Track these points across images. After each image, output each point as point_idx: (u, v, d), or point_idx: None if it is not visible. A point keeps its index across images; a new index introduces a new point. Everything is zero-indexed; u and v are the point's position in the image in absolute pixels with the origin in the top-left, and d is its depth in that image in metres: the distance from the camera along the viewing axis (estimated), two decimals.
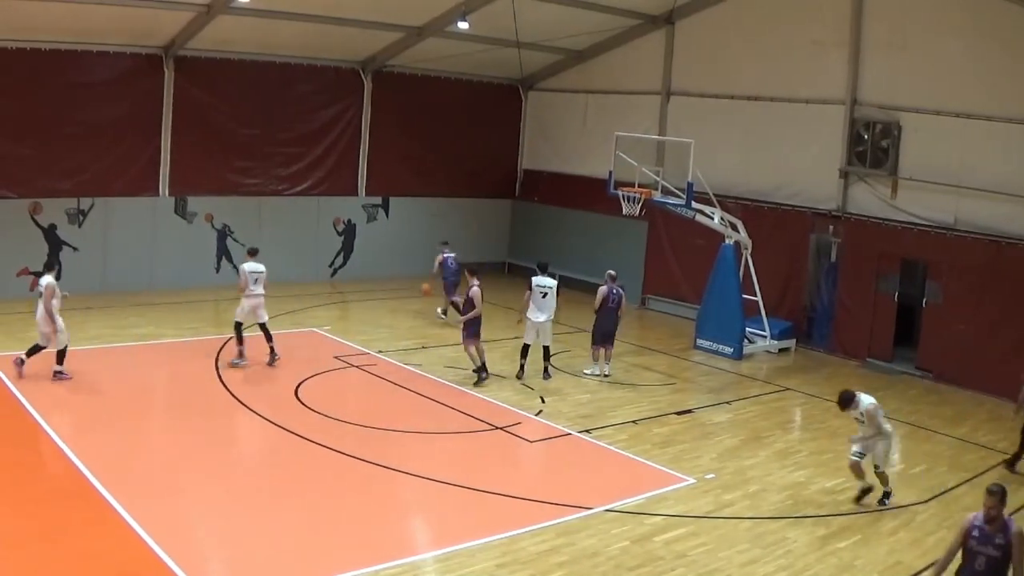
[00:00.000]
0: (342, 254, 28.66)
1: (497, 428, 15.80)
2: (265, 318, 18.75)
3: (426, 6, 24.27)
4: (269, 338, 18.67)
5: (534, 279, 19.06)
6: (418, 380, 18.34)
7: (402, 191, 29.46)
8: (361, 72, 28.17)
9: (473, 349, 18.23)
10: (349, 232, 28.66)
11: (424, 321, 23.70)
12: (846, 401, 13.26)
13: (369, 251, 28.90)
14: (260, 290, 18.71)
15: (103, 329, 20.40)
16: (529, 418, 16.43)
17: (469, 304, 17.99)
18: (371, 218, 29.06)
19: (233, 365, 18.24)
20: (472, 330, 18.13)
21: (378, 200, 29.19)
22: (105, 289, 23.54)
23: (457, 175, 30.37)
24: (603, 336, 19.45)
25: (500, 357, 19.71)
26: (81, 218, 23.88)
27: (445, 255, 23.66)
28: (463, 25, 23.66)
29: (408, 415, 16.18)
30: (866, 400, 13.24)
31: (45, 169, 23.15)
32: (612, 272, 19.65)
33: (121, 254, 24.33)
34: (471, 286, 18.09)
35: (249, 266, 18.72)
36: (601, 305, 19.34)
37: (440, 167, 29.92)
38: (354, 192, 28.73)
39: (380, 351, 20.26)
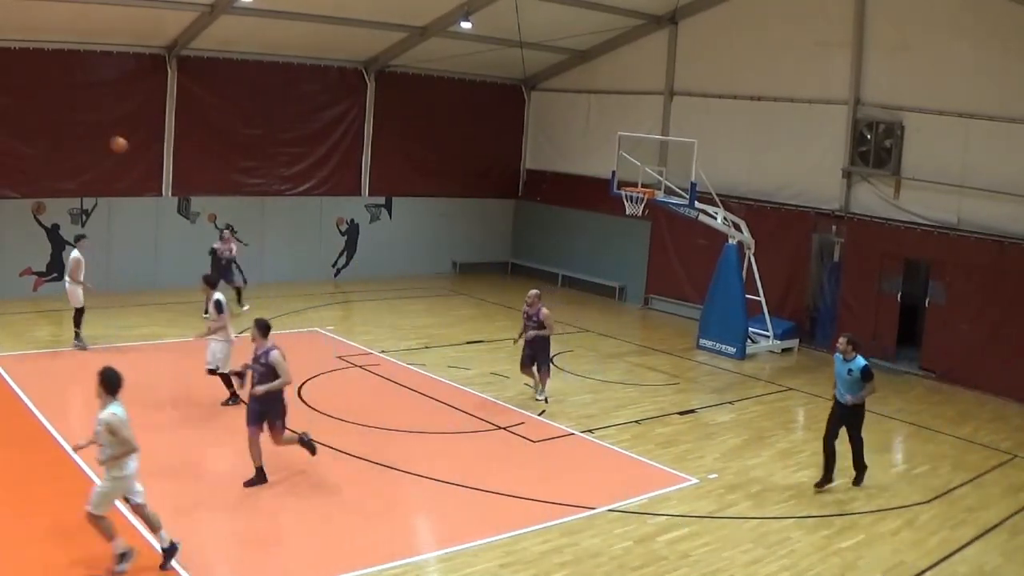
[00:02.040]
0: (345, 254, 28.67)
1: (500, 428, 15.81)
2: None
3: (429, 6, 24.28)
4: None
5: None
6: (421, 380, 18.35)
7: (405, 191, 29.47)
8: (364, 72, 28.19)
9: None
10: (352, 232, 28.68)
11: (428, 320, 23.71)
12: None
13: (372, 251, 28.91)
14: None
15: (106, 329, 20.38)
16: (532, 418, 16.43)
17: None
18: (374, 218, 29.07)
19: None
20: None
21: (381, 200, 29.20)
22: (108, 289, 23.55)
23: (460, 175, 30.38)
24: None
25: (505, 357, 19.70)
26: (84, 218, 23.92)
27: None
28: (466, 25, 23.68)
29: (411, 415, 16.19)
30: None
31: (48, 169, 23.17)
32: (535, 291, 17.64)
33: (124, 254, 24.32)
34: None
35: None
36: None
37: (443, 167, 29.94)
38: (357, 192, 28.75)
39: (383, 351, 20.26)
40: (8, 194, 22.88)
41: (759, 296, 22.39)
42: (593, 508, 12.59)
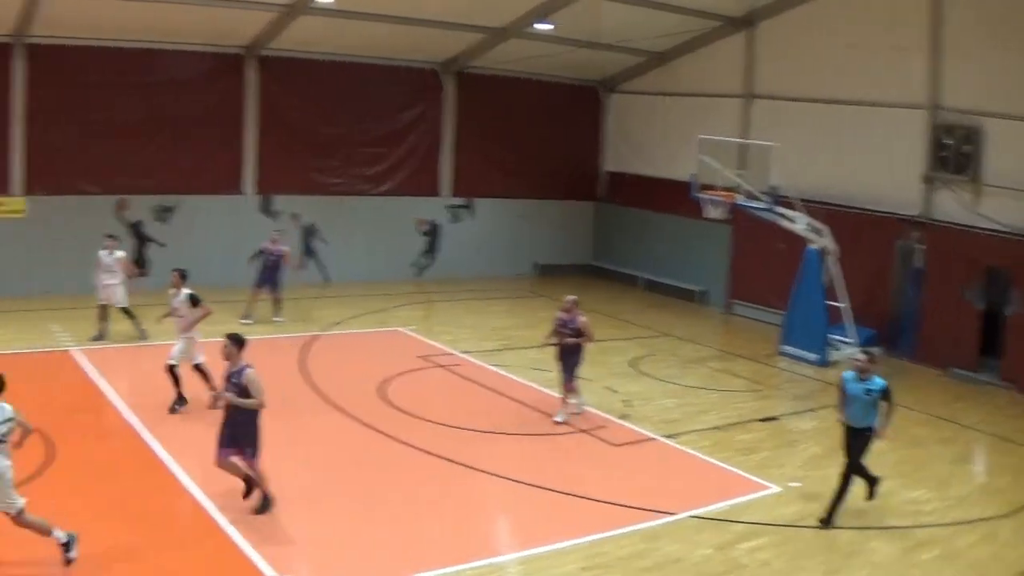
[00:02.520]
0: (427, 254, 29.02)
1: (581, 431, 15.97)
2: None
3: (507, 7, 24.47)
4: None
5: None
6: (502, 381, 18.58)
7: (485, 192, 29.79)
8: (442, 73, 28.51)
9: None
10: (434, 232, 29.00)
11: (509, 322, 23.94)
12: None
13: (453, 251, 29.23)
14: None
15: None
16: (613, 422, 16.57)
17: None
18: (456, 218, 29.37)
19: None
20: None
21: (462, 201, 29.51)
22: (190, 286, 24.08)
23: (539, 176, 30.57)
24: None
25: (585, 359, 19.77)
26: (167, 215, 24.53)
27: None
28: (544, 27, 23.83)
29: (492, 416, 16.42)
30: None
31: (131, 167, 23.95)
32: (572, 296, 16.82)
33: (206, 251, 24.77)
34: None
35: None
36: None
37: (522, 168, 30.18)
38: (436, 193, 29.10)
39: (465, 351, 20.55)
40: (91, 190, 23.60)
41: (841, 302, 22.19)
42: (674, 514, 12.69)
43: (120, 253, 19.88)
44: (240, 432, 11.66)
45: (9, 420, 9.66)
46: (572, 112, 31.32)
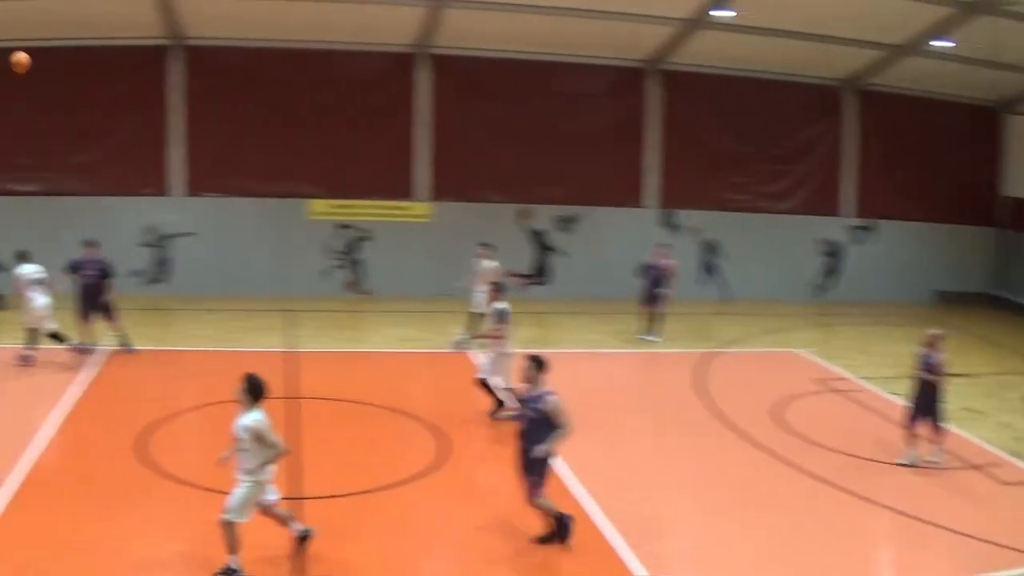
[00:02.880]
0: (828, 275, 28.27)
1: (972, 467, 14.96)
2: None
3: (904, 23, 23.50)
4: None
5: None
6: (898, 410, 17.73)
7: (884, 213, 28.64)
8: (842, 90, 27.78)
9: None
10: (835, 253, 28.20)
11: (907, 349, 22.75)
12: None
13: (857, 273, 28.30)
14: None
15: (588, 333, 21.48)
16: (1006, 459, 15.37)
17: None
18: (858, 240, 28.41)
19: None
20: None
21: (863, 222, 28.53)
22: (593, 295, 24.79)
23: (936, 200, 29.02)
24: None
25: (980, 392, 18.70)
26: (569, 225, 25.37)
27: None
28: (943, 44, 22.62)
29: (883, 446, 15.71)
30: None
31: (534, 176, 25.25)
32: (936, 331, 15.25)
33: (605, 262, 25.58)
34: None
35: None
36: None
37: (920, 190, 28.72)
38: (835, 213, 28.35)
39: (863, 377, 19.83)
40: (495, 198, 24.91)
41: None
42: None
43: (491, 263, 20.06)
44: (533, 460, 10.79)
45: (248, 427, 9.69)
46: (968, 134, 29.36)
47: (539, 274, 24.11)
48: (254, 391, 9.79)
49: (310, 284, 25.44)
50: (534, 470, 10.76)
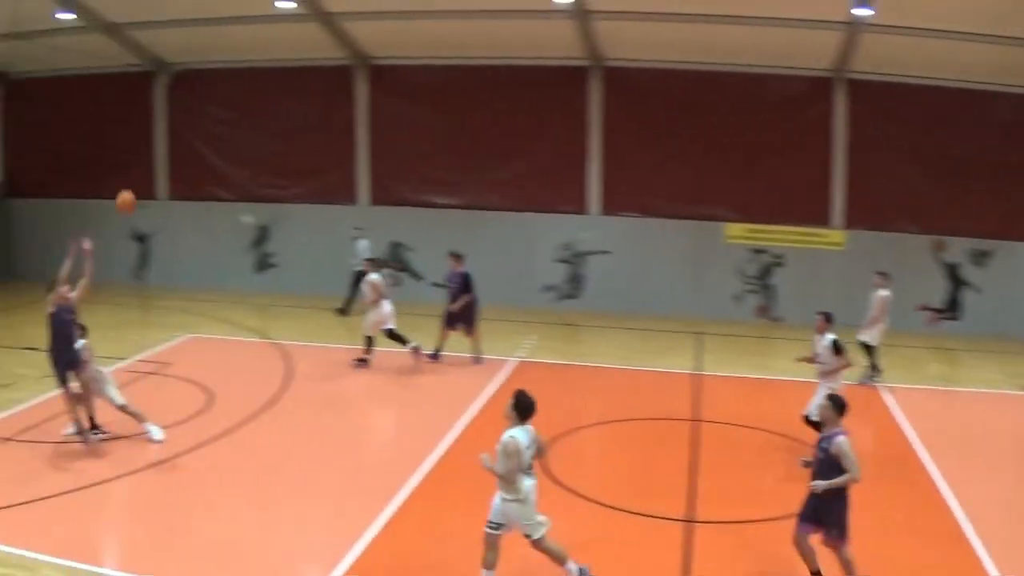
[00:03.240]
0: None
1: None
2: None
3: None
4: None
5: None
6: None
7: None
8: None
9: None
10: None
11: None
12: None
13: None
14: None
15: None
16: None
17: None
18: None
19: None
20: None
21: None
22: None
23: None
24: None
25: None
26: (983, 259, 23.83)
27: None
28: None
29: None
30: None
31: (950, 207, 23.88)
32: None
33: (1017, 299, 23.97)
34: None
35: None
36: None
37: None
38: None
39: None
40: (909, 229, 23.99)
41: None
42: None
43: (885, 292, 18.81)
44: (824, 506, 9.99)
45: (533, 444, 9.87)
46: None
47: (951, 308, 22.59)
48: (520, 409, 9.88)
49: (721, 308, 25.60)
50: (830, 518, 9.93)
